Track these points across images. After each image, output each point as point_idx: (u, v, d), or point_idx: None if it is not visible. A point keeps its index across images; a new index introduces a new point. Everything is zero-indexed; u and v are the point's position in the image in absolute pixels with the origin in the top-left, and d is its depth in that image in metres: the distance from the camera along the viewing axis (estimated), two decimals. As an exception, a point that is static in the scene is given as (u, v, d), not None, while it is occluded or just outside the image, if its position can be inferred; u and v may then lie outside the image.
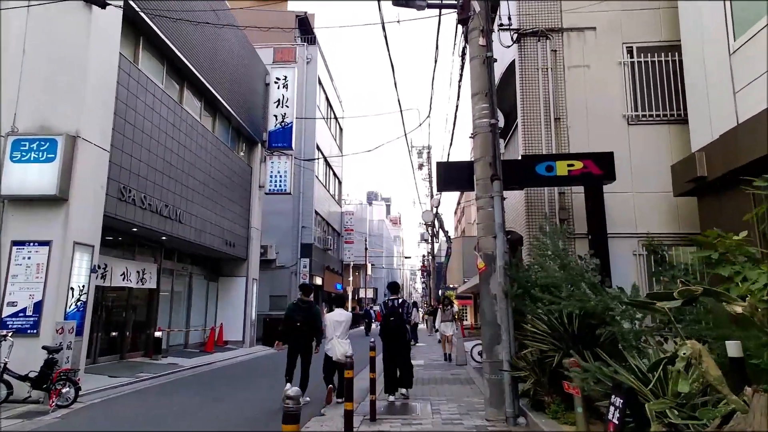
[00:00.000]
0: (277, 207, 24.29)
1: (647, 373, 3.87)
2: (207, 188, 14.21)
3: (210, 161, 14.42)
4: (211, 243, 14.49)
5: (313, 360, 7.33)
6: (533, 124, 8.37)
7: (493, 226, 6.47)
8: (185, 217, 12.72)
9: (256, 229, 18.31)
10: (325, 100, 28.43)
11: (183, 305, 15.15)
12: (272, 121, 18.66)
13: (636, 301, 4.12)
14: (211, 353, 14.27)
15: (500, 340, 6.15)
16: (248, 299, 17.36)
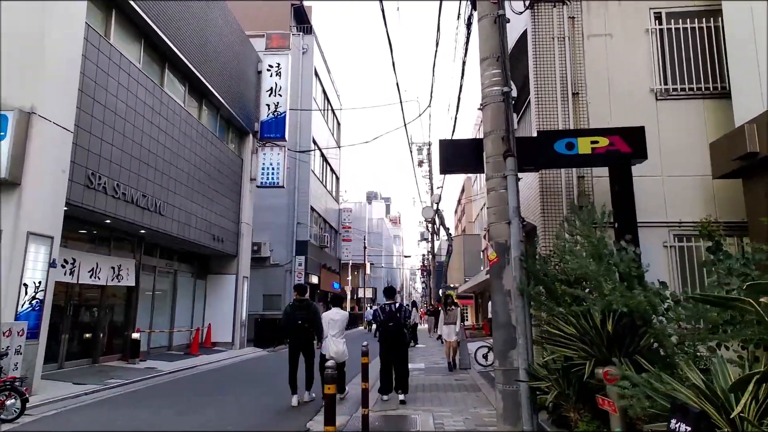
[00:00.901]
0: (271, 202, 23.36)
1: (723, 392, 2.93)
2: (192, 179, 13.26)
3: (196, 150, 13.47)
4: (197, 238, 13.54)
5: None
6: (548, 101, 7.41)
7: (506, 211, 5.51)
8: (167, 209, 11.77)
9: (247, 225, 17.35)
10: (321, 93, 27.48)
11: (167, 305, 14.19)
12: (264, 111, 17.71)
13: (710, 297, 3.17)
14: (195, 356, 13.31)
15: (515, 344, 5.21)
16: (238, 298, 16.40)
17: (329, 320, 7.16)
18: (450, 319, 10.81)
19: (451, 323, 10.77)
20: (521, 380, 5.05)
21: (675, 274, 6.74)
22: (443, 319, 11.00)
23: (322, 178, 27.83)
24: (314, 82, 25.43)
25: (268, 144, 17.82)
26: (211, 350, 15.09)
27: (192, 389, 8.91)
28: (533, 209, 7.69)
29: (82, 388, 8.09)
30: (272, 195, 23.27)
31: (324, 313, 7.39)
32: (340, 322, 7.23)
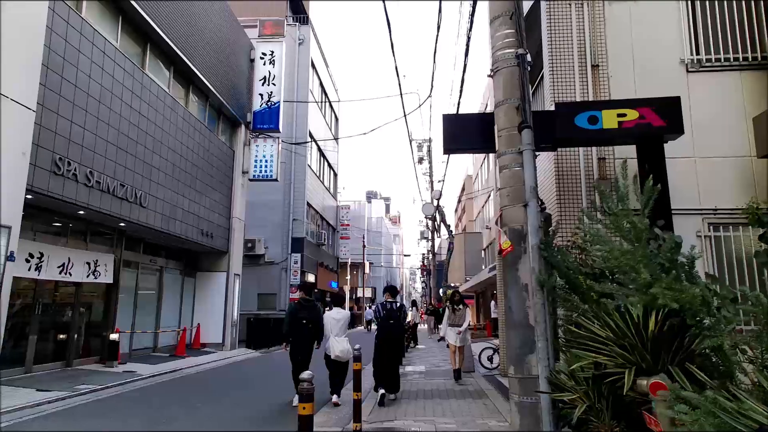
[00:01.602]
0: (266, 198, 22.57)
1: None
2: (178, 170, 12.45)
3: (182, 140, 12.66)
4: (184, 232, 12.73)
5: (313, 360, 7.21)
6: (564, 74, 6.61)
7: (521, 192, 4.72)
8: (149, 200, 10.96)
9: (239, 220, 16.55)
10: (318, 86, 26.67)
11: (152, 303, 13.39)
12: (257, 101, 16.90)
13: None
14: (181, 358, 12.51)
15: (534, 347, 4.41)
16: (229, 297, 15.60)
17: (332, 320, 7.12)
18: (457, 321, 9.09)
19: (458, 325, 9.04)
20: (542, 391, 4.26)
21: (711, 268, 5.96)
22: (448, 319, 9.21)
23: (319, 174, 27.03)
24: (311, 74, 24.63)
25: (261, 135, 17.02)
26: (200, 352, 14.29)
27: (168, 396, 8.11)
28: (548, 197, 6.89)
29: (46, 395, 7.28)
30: (267, 190, 22.48)
31: (326, 313, 7.33)
32: (343, 321, 7.21)
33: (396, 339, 7.41)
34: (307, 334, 7.12)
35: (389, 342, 7.30)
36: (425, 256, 54.11)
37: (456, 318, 9.14)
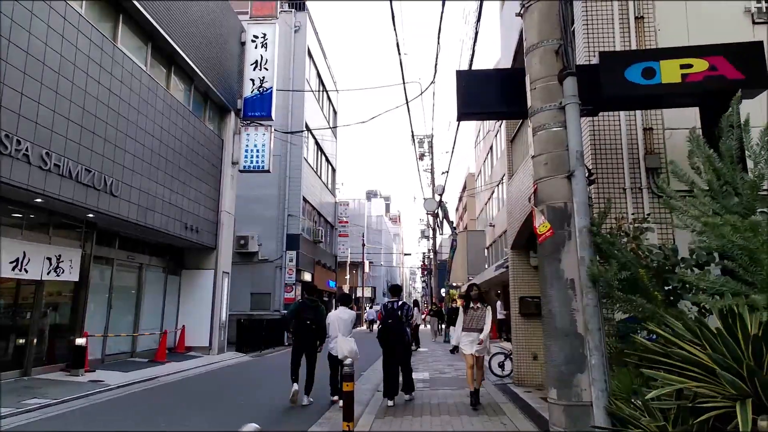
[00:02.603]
0: (260, 193, 21.45)
1: None
2: (158, 157, 11.32)
3: (163, 124, 11.53)
4: (164, 226, 11.60)
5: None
6: (603, 26, 5.47)
7: (563, 158, 3.58)
8: (122, 189, 9.83)
9: (229, 214, 15.41)
10: (316, 76, 25.53)
11: (130, 304, 12.26)
12: (248, 86, 15.76)
13: None
14: (161, 364, 11.37)
15: (584, 365, 3.28)
16: (217, 296, 14.47)
17: (338, 319, 7.04)
18: (474, 324, 6.87)
19: (475, 330, 6.83)
20: (600, 426, 3.12)
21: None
22: (462, 322, 6.99)
23: (317, 169, 25.89)
24: (307, 62, 23.48)
25: (252, 124, 15.88)
26: (184, 356, 13.16)
27: (132, 411, 6.97)
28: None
29: (-17, 413, 6.15)
30: (261, 184, 21.36)
31: (331, 313, 7.26)
32: (349, 321, 7.15)
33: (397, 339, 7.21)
34: (310, 335, 7.18)
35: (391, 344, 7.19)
36: (426, 255, 52.99)
37: (473, 320, 6.87)
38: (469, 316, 6.95)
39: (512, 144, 10.28)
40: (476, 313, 6.92)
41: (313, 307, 7.36)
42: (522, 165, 8.94)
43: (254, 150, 15.66)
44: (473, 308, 6.98)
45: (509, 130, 10.41)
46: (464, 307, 7.13)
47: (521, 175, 9.08)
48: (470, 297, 7.09)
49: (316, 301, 7.54)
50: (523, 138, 9.47)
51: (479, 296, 7.07)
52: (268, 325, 18.15)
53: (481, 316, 6.87)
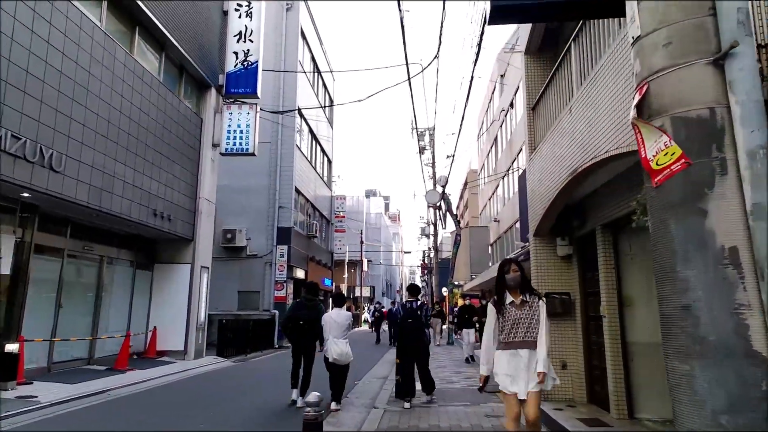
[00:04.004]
0: (249, 183, 19.85)
1: None
2: (118, 131, 9.69)
3: (124, 93, 9.89)
4: (126, 211, 9.97)
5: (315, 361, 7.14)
6: None
7: (704, 30, 1.96)
8: (68, 165, 8.20)
9: (208, 201, 13.76)
10: (310, 59, 23.89)
11: (87, 302, 10.61)
12: (231, 60, 14.12)
13: None
14: (121, 372, 9.73)
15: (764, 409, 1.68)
16: (194, 294, 12.82)
17: (331, 321, 6.81)
18: (521, 332, 3.74)
19: (523, 344, 3.71)
20: None
21: None
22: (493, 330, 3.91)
23: (311, 158, 24.25)
24: (300, 44, 21.85)
25: (235, 101, 14.24)
26: (154, 362, 11.52)
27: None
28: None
29: None
30: (249, 174, 19.75)
31: (324, 314, 6.99)
32: (343, 322, 6.83)
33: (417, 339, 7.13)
34: (305, 335, 6.99)
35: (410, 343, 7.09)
36: (426, 253, 51.39)
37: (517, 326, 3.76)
38: (508, 319, 3.74)
39: (534, 112, 8.67)
40: (521, 313, 3.73)
41: (309, 306, 7.15)
42: (549, 133, 7.32)
43: (237, 131, 14.02)
44: (515, 304, 3.79)
45: (530, 95, 8.79)
46: (496, 302, 3.88)
47: (547, 148, 7.46)
48: (506, 283, 3.83)
49: (313, 299, 7.31)
50: (548, 104, 7.86)
51: (522, 280, 3.82)
52: (255, 326, 16.52)
53: (531, 317, 3.70)
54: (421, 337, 7.26)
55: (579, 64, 6.38)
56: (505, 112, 26.91)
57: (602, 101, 5.33)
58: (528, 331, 3.69)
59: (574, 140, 6.14)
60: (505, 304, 3.85)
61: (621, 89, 4.82)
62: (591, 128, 5.61)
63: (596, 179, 6.38)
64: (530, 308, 3.76)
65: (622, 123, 4.73)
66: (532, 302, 3.80)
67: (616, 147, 4.81)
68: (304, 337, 7.03)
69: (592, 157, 5.47)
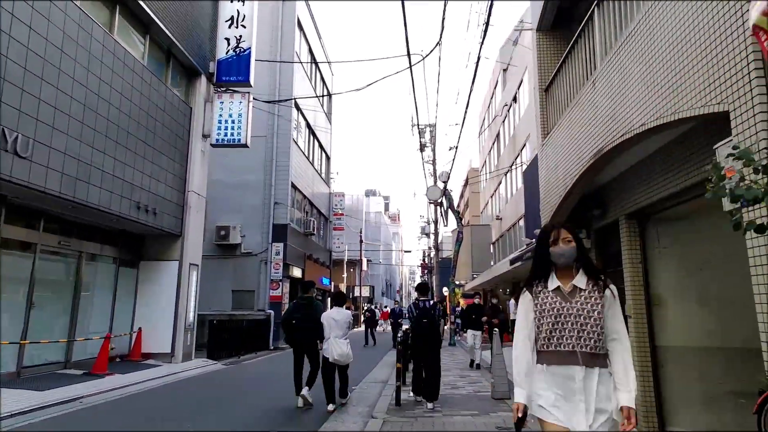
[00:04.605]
0: (243, 178, 19.15)
1: None
2: (95, 116, 8.96)
3: (103, 75, 9.17)
4: (106, 204, 9.25)
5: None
6: None
7: None
8: (37, 151, 7.48)
9: (198, 195, 13.03)
10: (308, 52, 23.17)
11: (64, 302, 9.87)
12: (223, 46, 13.41)
13: None
14: (100, 377, 9.00)
15: None
16: (183, 293, 12.09)
17: (331, 321, 6.74)
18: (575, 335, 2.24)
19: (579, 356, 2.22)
20: None
21: None
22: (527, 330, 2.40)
23: (309, 154, 23.52)
24: (297, 35, 21.13)
25: (227, 90, 13.51)
26: (139, 365, 10.79)
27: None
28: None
29: None
30: (244, 169, 19.06)
31: (324, 313, 6.91)
32: (342, 322, 6.79)
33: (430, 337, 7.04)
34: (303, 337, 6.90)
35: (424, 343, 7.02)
36: (426, 253, 50.65)
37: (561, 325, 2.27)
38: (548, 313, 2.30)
39: (547, 94, 7.95)
40: (570, 306, 2.27)
41: (305, 305, 7.05)
42: (567, 113, 6.60)
43: (229, 121, 13.29)
44: (561, 291, 2.32)
45: (542, 76, 8.07)
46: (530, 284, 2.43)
47: (564, 130, 6.74)
48: (551, 260, 2.37)
49: (309, 298, 7.22)
50: (564, 83, 7.13)
51: (581, 256, 2.36)
52: (248, 327, 15.82)
53: (587, 313, 2.25)
54: (436, 337, 7.15)
55: (602, 33, 5.67)
56: (508, 106, 26.21)
57: (633, 69, 4.62)
58: (582, 334, 2.21)
59: (598, 117, 5.42)
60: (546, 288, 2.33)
61: (658, 53, 4.11)
62: (619, 102, 4.90)
63: (621, 162, 5.67)
64: (587, 300, 2.24)
65: (662, 90, 4.01)
66: (592, 291, 2.27)
67: (656, 118, 4.09)
68: (303, 338, 6.92)
69: (622, 134, 4.76)
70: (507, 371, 7.76)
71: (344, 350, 6.64)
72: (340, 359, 6.64)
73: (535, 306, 2.36)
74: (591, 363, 2.20)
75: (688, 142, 4.46)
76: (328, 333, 6.71)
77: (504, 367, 7.74)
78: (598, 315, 2.24)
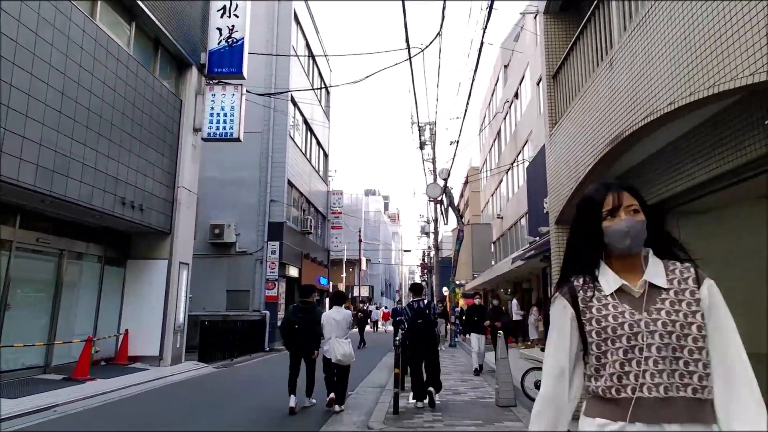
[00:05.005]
0: (238, 175, 18.64)
1: None
2: (77, 107, 8.45)
3: (84, 63, 8.65)
4: (87, 198, 8.74)
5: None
6: None
7: None
8: (10, 141, 6.97)
9: (189, 191, 12.51)
10: (305, 47, 22.65)
11: (42, 302, 9.35)
12: (214, 37, 12.89)
13: None
14: (80, 382, 8.48)
15: None
16: (172, 293, 11.57)
17: (332, 321, 6.69)
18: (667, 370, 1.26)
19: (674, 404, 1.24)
20: None
21: None
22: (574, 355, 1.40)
23: (306, 151, 23.00)
24: (294, 29, 20.61)
25: (219, 82, 12.99)
26: (125, 369, 10.28)
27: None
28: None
29: None
30: (238, 166, 18.56)
31: (325, 314, 6.92)
32: (343, 322, 6.76)
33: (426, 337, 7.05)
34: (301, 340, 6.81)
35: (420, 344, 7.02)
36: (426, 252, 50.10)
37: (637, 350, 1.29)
38: (612, 331, 1.33)
39: (555, 80, 7.44)
40: (657, 316, 1.31)
41: (304, 309, 6.97)
42: (579, 98, 6.09)
43: (221, 114, 12.76)
44: (627, 292, 1.36)
45: (550, 61, 7.55)
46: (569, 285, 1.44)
47: (575, 117, 6.23)
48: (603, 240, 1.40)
49: (310, 302, 7.15)
50: (575, 67, 6.62)
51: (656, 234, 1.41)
52: (243, 328, 15.32)
53: (686, 323, 1.29)
54: (432, 337, 7.19)
55: (621, 7, 5.16)
56: (510, 103, 25.70)
57: (661, 41, 4.10)
58: (677, 367, 1.28)
59: (617, 100, 4.91)
60: (600, 291, 1.39)
61: (693, 16, 3.59)
62: (642, 80, 4.39)
63: (641, 149, 5.16)
64: (676, 306, 1.31)
65: (697, 60, 3.50)
66: (681, 291, 1.33)
67: (688, 94, 3.58)
68: (301, 343, 6.86)
69: (645, 116, 4.25)
70: (512, 377, 7.27)
71: (347, 350, 6.63)
72: (343, 359, 6.59)
73: (584, 321, 1.38)
74: (694, 415, 1.25)
75: (722, 122, 3.96)
76: (329, 333, 6.67)
77: (509, 372, 7.24)
78: (698, 330, 1.29)
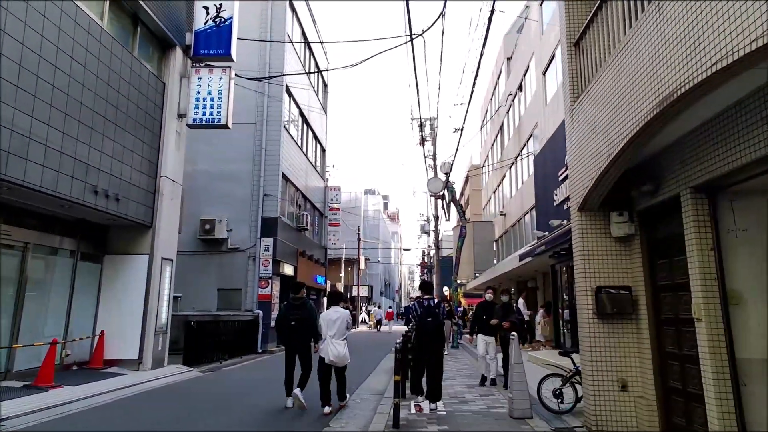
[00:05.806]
0: (230, 168, 17.76)
1: None
2: (38, 81, 7.53)
3: (47, 33, 7.74)
4: (51, 186, 7.82)
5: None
6: None
7: None
8: (-47, 115, 6.06)
9: (172, 181, 11.59)
10: (301, 35, 21.74)
11: (4, 302, 8.43)
12: (201, 15, 11.98)
13: None
14: (43, 390, 7.57)
15: None
16: (153, 290, 10.65)
17: (328, 320, 6.58)
18: None
19: None
20: None
21: None
22: None
23: (302, 144, 22.09)
24: (289, 15, 19.70)
25: (205, 65, 12.08)
26: (99, 374, 9.38)
27: None
28: None
29: None
30: (230, 159, 17.67)
31: (322, 314, 6.87)
32: (340, 322, 6.58)
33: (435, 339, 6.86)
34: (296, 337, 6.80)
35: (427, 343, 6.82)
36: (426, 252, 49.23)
37: None
38: None
39: (577, 48, 6.54)
40: None
41: (298, 305, 6.95)
42: (613, 60, 5.16)
43: (208, 98, 11.84)
44: None
45: (571, 27, 6.65)
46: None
47: (606, 83, 5.32)
48: None
49: (301, 298, 7.08)
50: (603, 28, 5.72)
51: None
52: (233, 329, 14.41)
53: None
54: (442, 337, 7.11)
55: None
56: (513, 96, 24.84)
57: None
58: None
59: (667, 52, 4.00)
60: None
61: None
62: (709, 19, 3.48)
63: (691, 116, 4.26)
64: None
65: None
66: None
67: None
68: (296, 338, 6.83)
69: (713, 63, 3.35)
70: (528, 385, 6.38)
71: (340, 352, 6.48)
72: (336, 361, 6.49)
73: None
74: None
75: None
76: (325, 333, 6.58)
77: (524, 380, 6.35)
78: None
